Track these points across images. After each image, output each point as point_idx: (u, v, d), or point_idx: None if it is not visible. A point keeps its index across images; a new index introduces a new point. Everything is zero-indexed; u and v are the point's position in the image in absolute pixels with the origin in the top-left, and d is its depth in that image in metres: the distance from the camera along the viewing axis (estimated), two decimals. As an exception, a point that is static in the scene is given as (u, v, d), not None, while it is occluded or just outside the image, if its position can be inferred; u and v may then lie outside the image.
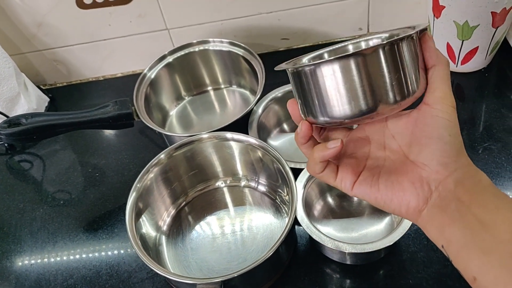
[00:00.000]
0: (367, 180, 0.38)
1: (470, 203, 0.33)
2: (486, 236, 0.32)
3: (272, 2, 0.80)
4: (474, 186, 0.34)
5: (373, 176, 0.38)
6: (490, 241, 0.32)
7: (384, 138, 0.39)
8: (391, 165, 0.37)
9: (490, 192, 0.34)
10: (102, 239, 0.66)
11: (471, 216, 0.33)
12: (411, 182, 0.35)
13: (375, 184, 0.37)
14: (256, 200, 0.65)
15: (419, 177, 0.35)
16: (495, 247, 0.32)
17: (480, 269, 0.33)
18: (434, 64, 0.36)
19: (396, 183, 0.36)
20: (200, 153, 0.63)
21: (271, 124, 0.71)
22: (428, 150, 0.35)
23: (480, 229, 0.33)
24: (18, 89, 0.78)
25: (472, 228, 0.33)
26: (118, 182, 0.72)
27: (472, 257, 0.33)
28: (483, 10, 0.65)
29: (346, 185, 0.38)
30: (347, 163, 0.39)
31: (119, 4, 0.78)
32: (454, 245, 0.34)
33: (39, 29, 0.81)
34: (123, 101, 0.68)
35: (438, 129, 0.34)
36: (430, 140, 0.35)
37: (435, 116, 0.34)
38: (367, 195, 0.38)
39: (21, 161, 0.79)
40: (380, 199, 0.37)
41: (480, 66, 0.76)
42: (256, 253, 0.59)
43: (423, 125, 0.35)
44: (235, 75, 0.78)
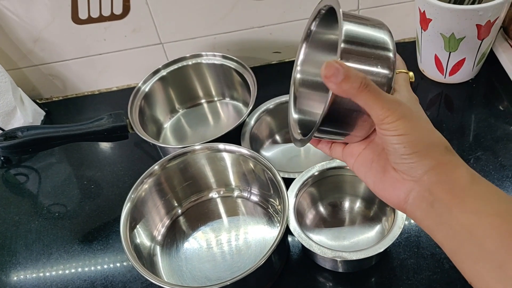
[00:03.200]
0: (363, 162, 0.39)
1: (451, 207, 0.34)
2: (474, 246, 0.32)
3: (264, 17, 0.82)
4: (452, 187, 0.34)
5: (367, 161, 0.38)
6: (478, 251, 0.32)
7: None
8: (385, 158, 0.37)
9: (469, 193, 0.34)
10: (97, 250, 0.66)
11: (454, 221, 0.33)
12: (390, 183, 0.36)
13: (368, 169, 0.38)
14: (249, 210, 0.66)
15: (397, 179, 0.36)
16: (484, 258, 0.32)
17: (471, 277, 0.33)
18: (355, 95, 0.32)
19: (381, 181, 0.37)
20: (193, 164, 0.64)
21: (263, 135, 0.72)
22: (392, 160, 0.35)
23: (467, 238, 0.33)
24: (15, 103, 0.79)
25: (459, 237, 0.33)
26: (113, 194, 0.73)
27: (463, 265, 0.33)
28: (468, 22, 0.67)
29: (349, 162, 0.39)
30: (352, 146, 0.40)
31: (114, 19, 0.80)
32: (445, 250, 0.35)
33: (36, 45, 0.83)
34: (118, 113, 0.69)
35: (390, 145, 0.34)
36: (389, 153, 0.35)
37: (383, 136, 0.34)
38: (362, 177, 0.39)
39: (17, 174, 0.80)
40: (371, 187, 0.38)
41: (468, 77, 0.78)
42: (249, 262, 0.60)
43: (381, 141, 0.36)
44: (228, 88, 0.80)
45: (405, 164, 0.34)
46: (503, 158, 0.67)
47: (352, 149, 0.39)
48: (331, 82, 0.31)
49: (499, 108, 0.75)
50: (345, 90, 0.31)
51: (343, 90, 0.31)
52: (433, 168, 0.34)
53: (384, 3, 0.82)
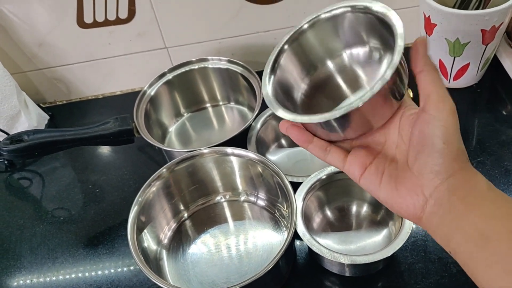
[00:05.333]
0: (372, 176, 0.38)
1: (468, 212, 0.34)
2: (489, 250, 0.32)
3: (269, 22, 0.82)
4: (469, 193, 0.34)
5: (378, 174, 0.38)
6: (493, 255, 0.32)
7: (397, 137, 0.38)
8: (395, 167, 0.37)
9: (486, 199, 0.34)
10: (103, 254, 0.66)
11: (471, 227, 0.33)
12: (407, 189, 0.36)
13: (379, 182, 0.37)
14: (255, 215, 0.66)
15: (415, 184, 0.35)
16: (499, 261, 0.32)
17: (486, 281, 0.33)
18: (421, 70, 0.35)
19: (395, 189, 0.36)
20: (201, 168, 0.64)
21: (269, 139, 0.72)
22: (422, 158, 0.35)
23: (482, 242, 0.33)
24: (19, 107, 0.79)
25: (474, 241, 0.33)
26: (118, 198, 0.73)
27: (478, 270, 0.33)
28: (473, 27, 0.68)
29: (354, 174, 0.39)
30: (357, 153, 0.39)
31: (119, 23, 0.80)
32: (459, 256, 0.34)
33: (40, 48, 0.83)
34: (124, 117, 0.69)
35: (432, 137, 0.34)
36: (423, 148, 0.34)
37: (429, 122, 0.34)
38: (372, 191, 0.38)
39: (21, 178, 0.80)
40: (382, 199, 0.38)
41: (472, 82, 0.78)
42: (256, 266, 0.60)
43: (419, 132, 0.35)
44: (233, 92, 0.80)
45: (434, 165, 0.34)
46: (508, 163, 0.67)
47: (358, 160, 0.38)
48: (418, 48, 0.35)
49: (503, 113, 0.75)
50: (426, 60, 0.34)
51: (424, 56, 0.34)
52: (456, 172, 0.34)
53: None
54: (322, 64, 0.45)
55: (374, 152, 0.39)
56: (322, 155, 0.40)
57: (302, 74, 0.45)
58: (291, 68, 0.44)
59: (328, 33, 0.43)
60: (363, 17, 0.41)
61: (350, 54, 0.44)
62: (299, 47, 0.44)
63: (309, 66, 0.45)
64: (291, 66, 0.44)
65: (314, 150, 0.40)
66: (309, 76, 0.45)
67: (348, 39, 0.43)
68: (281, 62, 0.43)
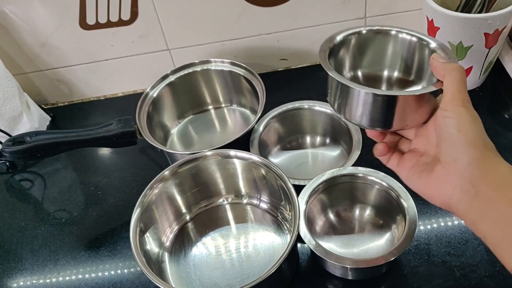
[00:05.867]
0: (415, 175, 0.43)
1: (493, 199, 0.35)
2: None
3: (272, 24, 0.82)
4: (493, 180, 0.36)
5: (419, 172, 0.43)
6: None
7: (434, 137, 0.43)
8: (431, 163, 0.42)
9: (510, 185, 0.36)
10: (104, 257, 0.66)
11: (497, 212, 0.35)
12: (437, 180, 0.40)
13: (419, 179, 0.42)
14: (257, 217, 0.66)
15: (443, 174, 0.39)
16: None
17: None
18: (444, 74, 0.40)
19: (428, 181, 0.41)
20: (203, 170, 0.64)
21: (271, 141, 0.72)
22: (444, 149, 0.39)
23: (508, 227, 0.35)
24: (21, 108, 0.79)
25: (501, 226, 0.35)
26: (120, 200, 0.73)
27: (506, 253, 0.35)
28: (477, 31, 0.68)
29: (402, 175, 0.44)
30: (405, 157, 0.45)
31: (122, 25, 0.80)
32: (488, 241, 0.37)
33: (42, 50, 0.83)
34: (127, 119, 0.69)
35: (447, 128, 0.38)
36: (443, 140, 0.39)
37: (445, 117, 0.38)
38: (415, 188, 0.43)
39: (22, 180, 0.79)
40: (422, 193, 0.42)
41: (474, 85, 0.78)
42: (258, 269, 0.60)
43: (438, 126, 0.40)
44: (236, 94, 0.80)
45: (453, 152, 0.38)
46: (511, 166, 0.67)
47: (404, 163, 0.44)
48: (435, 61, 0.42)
49: (505, 116, 0.75)
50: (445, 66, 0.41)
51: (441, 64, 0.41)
52: (477, 160, 0.37)
53: (391, 11, 0.82)
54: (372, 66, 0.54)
55: (418, 155, 0.44)
56: (386, 160, 0.47)
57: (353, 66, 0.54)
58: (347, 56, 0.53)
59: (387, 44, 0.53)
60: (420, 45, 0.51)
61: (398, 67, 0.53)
62: (357, 44, 0.52)
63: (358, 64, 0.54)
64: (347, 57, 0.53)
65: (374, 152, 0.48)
66: (356, 71, 0.54)
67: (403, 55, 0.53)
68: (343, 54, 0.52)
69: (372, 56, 0.54)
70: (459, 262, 0.58)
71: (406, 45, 0.52)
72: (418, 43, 0.51)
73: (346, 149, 0.69)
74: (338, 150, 0.71)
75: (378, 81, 0.54)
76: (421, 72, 0.51)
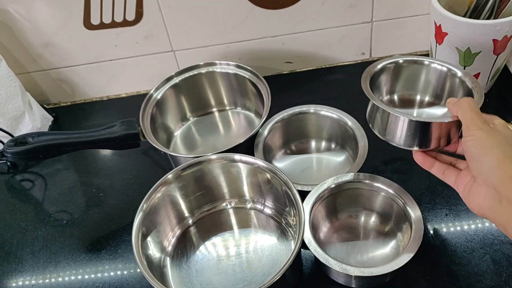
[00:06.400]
0: (465, 191, 0.47)
1: None
2: None
3: (277, 27, 0.81)
4: None
5: (468, 188, 0.47)
6: None
7: None
8: (471, 179, 0.47)
9: None
10: (106, 259, 0.65)
11: None
12: (473, 194, 0.45)
13: (467, 194, 0.47)
14: (261, 223, 0.65)
15: (476, 188, 0.45)
16: None
17: None
18: (456, 110, 0.48)
19: (471, 195, 0.46)
20: (207, 174, 0.63)
21: (276, 145, 0.71)
22: (472, 166, 0.45)
23: None
24: (23, 108, 0.78)
25: None
26: (122, 202, 0.72)
27: None
28: (485, 37, 0.67)
29: (458, 190, 0.48)
30: (462, 173, 0.49)
31: (126, 25, 0.79)
32: None
33: (46, 49, 0.82)
34: (130, 121, 0.68)
35: (468, 148, 0.44)
36: (468, 159, 0.45)
37: (465, 141, 0.45)
38: (466, 202, 0.47)
39: (23, 180, 0.79)
40: (471, 208, 0.46)
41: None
42: (261, 276, 0.59)
43: (463, 150, 0.46)
44: (240, 97, 0.79)
45: (478, 166, 0.44)
46: (518, 175, 0.66)
47: (462, 179, 0.48)
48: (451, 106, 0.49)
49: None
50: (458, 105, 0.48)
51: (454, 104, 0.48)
52: (498, 167, 0.42)
53: (398, 16, 0.81)
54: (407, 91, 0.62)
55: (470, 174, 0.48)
56: (441, 175, 0.51)
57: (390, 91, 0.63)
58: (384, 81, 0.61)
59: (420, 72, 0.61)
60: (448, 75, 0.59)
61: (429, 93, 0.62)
62: (394, 71, 0.61)
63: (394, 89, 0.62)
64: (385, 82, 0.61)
65: (435, 172, 0.52)
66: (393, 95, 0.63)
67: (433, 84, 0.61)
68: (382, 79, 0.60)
69: (407, 82, 0.61)
70: (464, 272, 0.57)
71: (437, 74, 0.60)
72: (448, 72, 0.58)
73: (351, 154, 0.69)
74: (344, 155, 0.70)
75: (412, 104, 0.62)
76: (451, 96, 0.59)
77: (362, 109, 0.67)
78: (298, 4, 0.78)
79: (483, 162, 0.43)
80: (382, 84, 0.61)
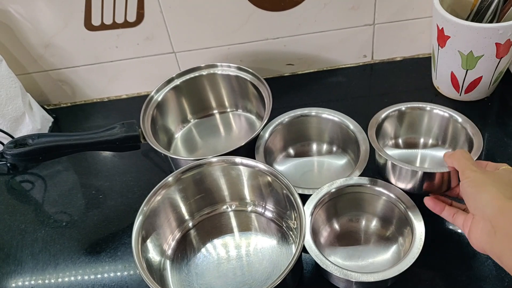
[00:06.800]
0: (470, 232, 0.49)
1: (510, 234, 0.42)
2: None
3: (279, 29, 0.81)
4: (509, 216, 0.43)
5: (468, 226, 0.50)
6: None
7: None
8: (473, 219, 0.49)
9: None
10: (105, 262, 0.65)
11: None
12: (473, 230, 0.47)
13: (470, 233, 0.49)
14: (262, 226, 0.64)
15: (474, 224, 0.47)
16: None
17: None
18: (452, 161, 0.53)
19: (473, 234, 0.48)
20: (208, 176, 0.62)
21: (277, 148, 0.71)
22: (468, 204, 0.48)
23: None
24: (23, 109, 0.78)
25: None
26: (121, 204, 0.71)
27: None
28: (488, 41, 0.67)
29: (465, 232, 0.50)
30: (470, 215, 0.50)
31: (127, 26, 0.79)
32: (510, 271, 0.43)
33: (46, 50, 0.82)
34: (130, 123, 0.68)
35: (464, 189, 0.49)
36: (465, 199, 0.49)
37: (462, 185, 0.49)
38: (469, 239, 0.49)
39: (23, 182, 0.78)
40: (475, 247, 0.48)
41: (483, 95, 0.77)
42: (261, 279, 0.59)
43: (461, 193, 0.50)
44: (241, 99, 0.79)
45: (473, 203, 0.47)
46: (520, 179, 0.66)
47: (468, 221, 0.50)
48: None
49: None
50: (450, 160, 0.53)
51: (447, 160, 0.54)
52: (492, 202, 0.45)
53: (400, 19, 0.81)
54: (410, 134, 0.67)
55: None
56: (451, 219, 0.53)
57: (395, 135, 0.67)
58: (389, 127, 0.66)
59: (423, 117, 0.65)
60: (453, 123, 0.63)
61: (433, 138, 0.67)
62: (398, 118, 0.65)
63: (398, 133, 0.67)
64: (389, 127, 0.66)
65: (445, 216, 0.54)
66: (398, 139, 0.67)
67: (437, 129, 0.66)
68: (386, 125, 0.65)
69: (410, 126, 0.66)
70: (465, 277, 0.57)
71: (439, 119, 0.64)
72: (450, 118, 0.63)
73: (353, 158, 0.68)
74: (345, 159, 0.70)
75: (416, 146, 0.67)
76: (452, 141, 0.64)
77: (363, 112, 0.67)
78: (300, 6, 0.78)
79: (478, 198, 0.46)
80: (387, 130, 0.65)
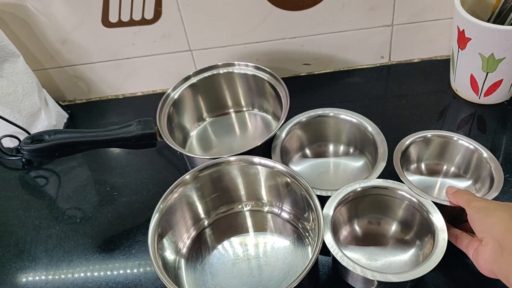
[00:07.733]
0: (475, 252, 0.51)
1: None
2: None
3: (296, 28, 0.80)
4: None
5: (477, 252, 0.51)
6: None
7: None
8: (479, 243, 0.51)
9: None
10: (119, 259, 0.65)
11: None
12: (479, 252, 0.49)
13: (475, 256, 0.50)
14: (277, 227, 0.64)
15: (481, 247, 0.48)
16: None
17: None
18: (456, 201, 0.54)
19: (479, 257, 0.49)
20: (225, 175, 0.62)
21: (293, 148, 0.70)
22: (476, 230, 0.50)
23: None
24: (39, 104, 0.78)
25: None
26: (136, 202, 0.71)
27: None
28: (510, 43, 0.66)
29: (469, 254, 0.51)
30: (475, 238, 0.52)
31: (145, 24, 0.79)
32: None
33: (63, 46, 0.82)
34: (147, 120, 0.68)
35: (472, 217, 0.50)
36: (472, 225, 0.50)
37: (469, 215, 0.51)
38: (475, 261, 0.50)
39: (37, 177, 0.78)
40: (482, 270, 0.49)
41: (503, 98, 0.76)
42: (276, 280, 0.58)
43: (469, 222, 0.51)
44: (258, 98, 0.78)
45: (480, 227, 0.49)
46: (539, 183, 0.65)
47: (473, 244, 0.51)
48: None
49: (534, 131, 0.73)
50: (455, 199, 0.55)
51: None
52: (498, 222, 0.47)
53: (419, 20, 0.80)
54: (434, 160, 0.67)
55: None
56: (454, 240, 0.55)
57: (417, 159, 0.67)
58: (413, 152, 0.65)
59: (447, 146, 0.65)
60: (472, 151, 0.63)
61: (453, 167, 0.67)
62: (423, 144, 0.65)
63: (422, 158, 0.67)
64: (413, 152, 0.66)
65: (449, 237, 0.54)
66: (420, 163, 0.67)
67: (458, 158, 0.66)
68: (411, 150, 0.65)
69: (434, 153, 0.66)
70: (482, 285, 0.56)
71: (464, 150, 0.64)
72: (475, 151, 0.62)
73: (370, 160, 0.68)
74: (362, 161, 0.69)
75: (438, 173, 0.66)
76: (474, 172, 0.64)
77: (380, 113, 0.66)
78: (318, 6, 0.77)
79: (486, 221, 0.48)
80: (411, 155, 0.65)
